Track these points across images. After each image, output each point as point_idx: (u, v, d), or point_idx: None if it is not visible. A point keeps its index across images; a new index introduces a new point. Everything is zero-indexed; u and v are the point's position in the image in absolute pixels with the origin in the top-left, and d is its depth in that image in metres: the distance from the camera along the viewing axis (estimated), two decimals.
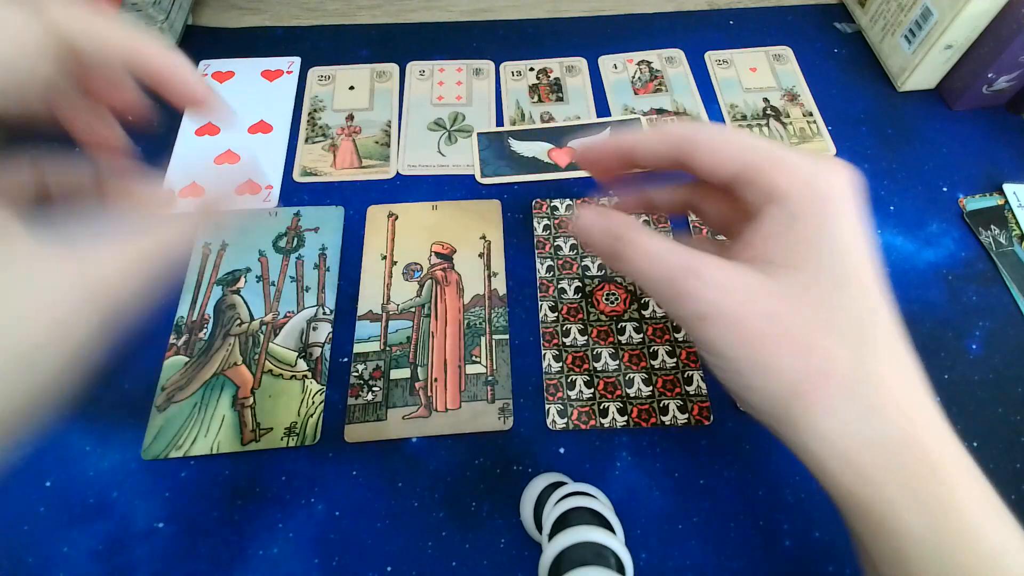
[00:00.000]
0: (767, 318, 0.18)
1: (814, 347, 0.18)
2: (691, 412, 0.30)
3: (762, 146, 0.20)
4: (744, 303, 0.19)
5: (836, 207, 0.19)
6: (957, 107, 0.40)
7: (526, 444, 0.30)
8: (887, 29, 0.42)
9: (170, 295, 0.33)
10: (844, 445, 0.18)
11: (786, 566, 0.27)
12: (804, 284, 0.19)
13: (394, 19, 0.46)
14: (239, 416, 0.30)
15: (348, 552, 0.27)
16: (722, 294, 0.19)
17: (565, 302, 0.33)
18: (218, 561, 0.27)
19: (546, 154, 0.39)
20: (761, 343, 0.18)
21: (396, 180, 0.38)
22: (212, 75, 0.42)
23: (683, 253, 0.20)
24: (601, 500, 0.26)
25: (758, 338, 0.18)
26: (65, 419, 0.30)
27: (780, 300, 0.19)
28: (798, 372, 0.18)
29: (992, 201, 0.37)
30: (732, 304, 0.19)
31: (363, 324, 0.33)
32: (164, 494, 0.28)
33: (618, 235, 0.22)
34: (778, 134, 0.40)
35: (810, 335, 0.18)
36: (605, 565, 0.21)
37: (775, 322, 0.18)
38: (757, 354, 0.19)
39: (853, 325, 0.18)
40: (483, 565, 0.27)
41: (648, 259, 0.21)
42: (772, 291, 0.19)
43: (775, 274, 0.19)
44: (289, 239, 0.35)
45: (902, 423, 0.18)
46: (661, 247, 0.20)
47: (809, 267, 0.19)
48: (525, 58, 0.44)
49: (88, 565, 0.27)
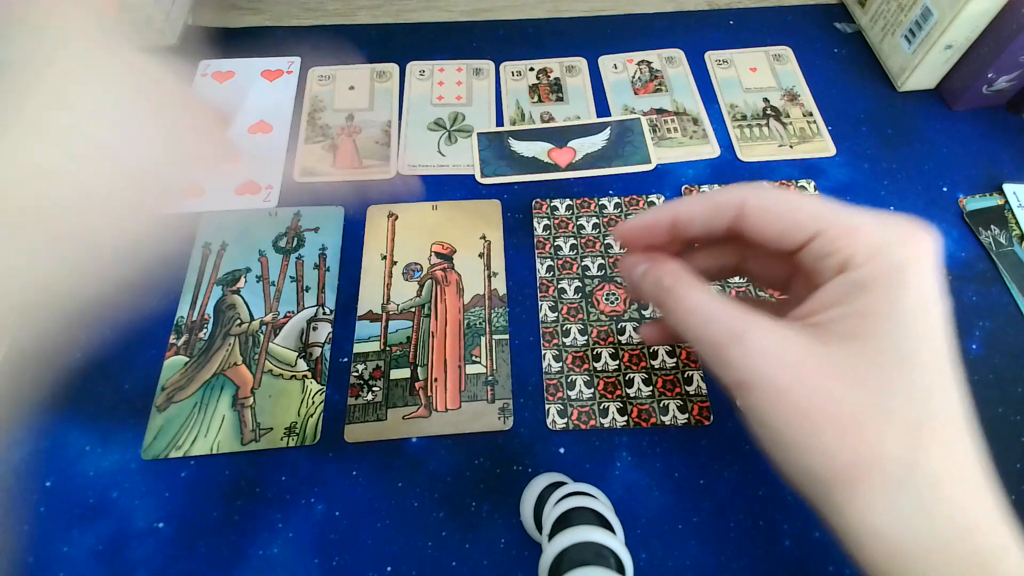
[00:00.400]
0: (816, 393, 0.17)
1: (865, 431, 0.17)
2: (691, 412, 0.30)
3: (832, 211, 0.19)
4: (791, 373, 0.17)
5: (910, 279, 0.17)
6: (957, 107, 0.40)
7: (526, 444, 0.30)
8: (887, 29, 0.42)
9: (170, 295, 0.33)
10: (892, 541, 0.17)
11: (786, 566, 0.27)
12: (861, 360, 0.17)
13: (394, 19, 0.46)
14: (239, 416, 0.30)
15: (348, 552, 0.27)
16: (767, 362, 0.17)
17: (565, 302, 0.33)
18: (218, 561, 0.27)
19: (546, 154, 0.39)
20: (807, 419, 0.17)
21: (396, 180, 0.38)
22: (212, 75, 0.42)
23: (730, 314, 0.18)
24: (601, 500, 0.26)
25: (804, 413, 0.17)
26: (65, 419, 0.30)
27: (832, 374, 0.17)
28: (844, 457, 0.17)
29: (992, 201, 0.37)
30: (777, 374, 0.17)
31: (363, 324, 0.33)
32: (164, 494, 0.28)
33: (665, 287, 0.20)
34: (778, 134, 0.40)
35: (862, 417, 0.17)
36: (605, 565, 0.21)
37: (824, 398, 0.17)
38: (801, 430, 0.17)
39: (912, 411, 0.17)
40: (483, 565, 0.27)
41: (693, 317, 0.19)
42: (824, 363, 0.17)
43: (830, 344, 0.17)
44: (289, 239, 0.35)
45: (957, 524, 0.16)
46: (708, 305, 0.19)
47: (870, 342, 0.17)
48: (525, 58, 0.44)
49: (88, 565, 0.27)
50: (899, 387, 0.17)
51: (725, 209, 0.20)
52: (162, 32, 0.42)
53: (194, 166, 0.22)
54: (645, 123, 0.40)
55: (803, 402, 0.17)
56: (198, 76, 0.42)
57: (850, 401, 0.17)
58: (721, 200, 0.20)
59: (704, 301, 0.19)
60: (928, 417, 0.17)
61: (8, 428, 0.29)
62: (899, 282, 0.17)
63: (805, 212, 0.19)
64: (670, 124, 0.40)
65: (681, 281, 0.20)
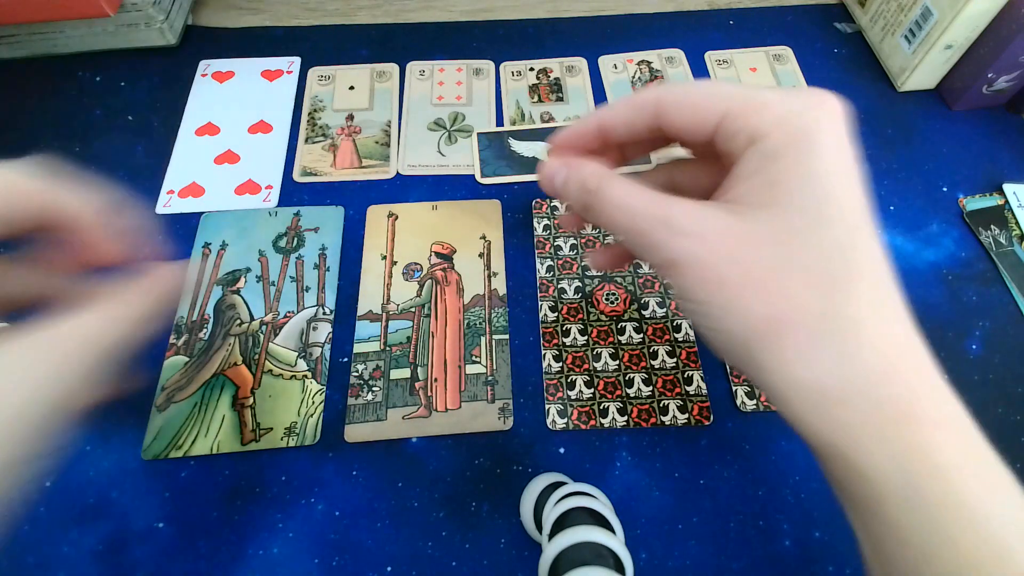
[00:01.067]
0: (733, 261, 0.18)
1: (780, 289, 0.17)
2: (691, 412, 0.30)
3: (738, 91, 0.19)
4: (711, 246, 0.18)
5: (818, 142, 0.18)
6: (957, 107, 0.40)
7: (526, 444, 0.30)
8: (887, 29, 0.42)
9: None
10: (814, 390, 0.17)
11: (786, 566, 0.27)
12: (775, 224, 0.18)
13: (394, 19, 0.46)
14: (239, 416, 0.30)
15: (348, 552, 0.27)
16: (690, 240, 0.18)
17: (565, 302, 0.33)
18: (218, 561, 0.27)
19: (546, 154, 0.39)
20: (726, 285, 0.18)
21: (396, 180, 0.38)
22: (212, 75, 0.42)
23: (654, 200, 0.19)
24: (601, 500, 0.26)
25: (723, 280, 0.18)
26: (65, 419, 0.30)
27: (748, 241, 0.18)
28: (762, 315, 0.18)
29: (992, 201, 0.37)
30: (699, 249, 0.18)
31: (363, 324, 0.33)
32: (164, 494, 0.28)
33: (589, 187, 0.21)
34: None
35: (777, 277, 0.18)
36: (605, 565, 0.21)
37: (741, 264, 0.18)
38: (723, 297, 0.18)
39: (828, 265, 0.17)
40: (483, 565, 0.27)
41: (619, 210, 0.20)
42: (741, 232, 0.18)
43: (744, 215, 0.18)
44: (289, 239, 0.35)
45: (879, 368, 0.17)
46: (633, 196, 0.20)
47: (781, 206, 0.18)
48: (525, 58, 0.44)
49: (88, 565, 0.27)
50: (812, 244, 0.17)
51: (644, 105, 0.21)
52: (162, 32, 0.42)
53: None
54: None
55: (723, 270, 0.18)
56: (198, 76, 0.42)
57: (765, 263, 0.18)
58: (639, 99, 0.21)
59: (629, 192, 0.20)
60: (844, 270, 0.17)
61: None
62: (807, 147, 0.18)
63: (714, 96, 0.20)
64: None
65: (604, 179, 0.21)
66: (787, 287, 0.17)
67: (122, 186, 0.37)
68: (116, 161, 0.38)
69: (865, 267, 0.18)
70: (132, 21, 0.41)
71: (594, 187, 0.21)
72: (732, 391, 0.31)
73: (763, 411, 0.30)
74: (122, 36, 0.42)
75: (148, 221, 0.36)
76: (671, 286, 0.20)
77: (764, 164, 0.18)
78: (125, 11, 0.40)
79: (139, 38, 0.42)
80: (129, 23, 0.41)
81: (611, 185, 0.20)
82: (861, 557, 0.19)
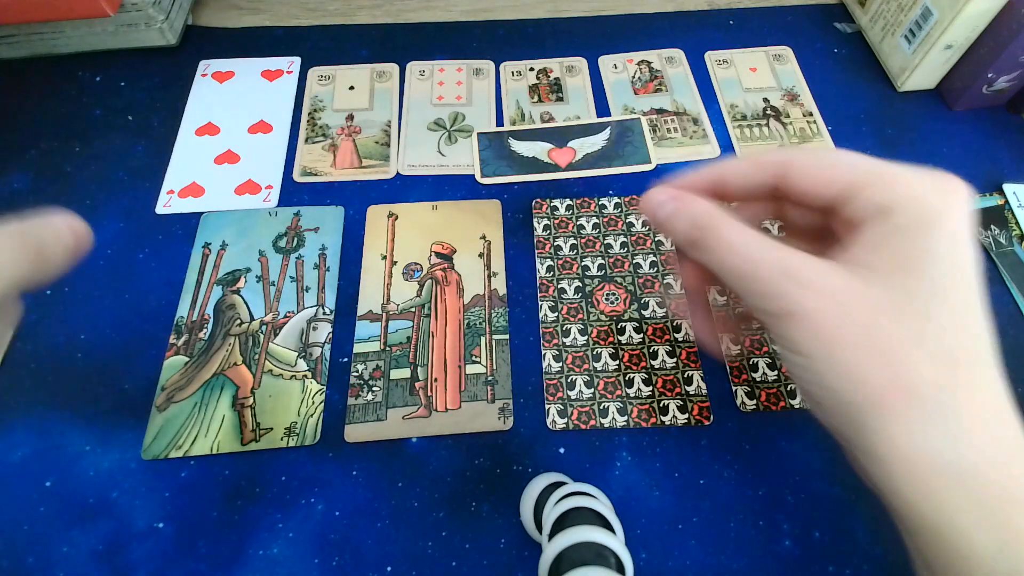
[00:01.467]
0: (856, 323, 0.18)
1: (903, 359, 0.18)
2: (691, 412, 0.30)
3: (869, 163, 0.20)
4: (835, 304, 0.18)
5: (946, 223, 0.18)
6: (957, 107, 0.40)
7: (526, 444, 0.30)
8: (887, 29, 0.42)
9: (170, 295, 0.33)
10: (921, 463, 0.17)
11: (786, 566, 0.27)
12: (900, 294, 0.18)
13: (394, 19, 0.46)
14: (239, 416, 0.30)
15: (348, 552, 0.27)
16: (813, 293, 0.18)
17: (565, 302, 0.33)
18: (218, 561, 0.27)
19: (546, 154, 0.39)
20: (847, 347, 0.18)
21: (396, 180, 0.38)
22: (212, 75, 0.42)
23: (773, 247, 0.19)
24: (601, 500, 0.26)
25: (844, 341, 0.18)
26: (65, 419, 0.30)
27: (872, 306, 0.18)
28: (882, 383, 0.17)
29: (992, 201, 0.37)
30: (820, 303, 0.18)
31: (363, 324, 0.33)
32: (164, 494, 0.28)
33: (702, 224, 0.20)
34: (778, 134, 0.40)
35: (902, 347, 0.18)
36: (605, 565, 0.21)
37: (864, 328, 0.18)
38: (842, 359, 0.18)
39: (948, 343, 0.18)
40: (483, 565, 0.27)
41: (734, 254, 0.20)
42: (862, 295, 0.18)
43: (869, 280, 0.18)
44: (289, 239, 0.35)
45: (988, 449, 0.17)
46: (752, 241, 0.20)
47: (909, 278, 0.18)
48: (525, 58, 0.44)
49: (88, 565, 0.27)
50: (935, 318, 0.18)
51: (770, 165, 0.21)
52: (162, 32, 0.42)
53: None
54: (645, 123, 0.40)
55: (844, 331, 0.18)
56: (198, 76, 0.42)
57: (889, 330, 0.18)
58: (765, 158, 0.21)
59: (746, 236, 0.20)
60: (960, 349, 0.18)
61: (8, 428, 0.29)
62: (938, 226, 0.18)
63: (844, 165, 0.20)
64: (670, 124, 0.40)
65: (718, 219, 0.20)
66: (910, 358, 0.18)
67: (122, 186, 0.37)
68: (116, 161, 0.38)
69: (979, 347, 0.18)
70: (132, 21, 0.41)
71: (707, 225, 0.20)
72: (732, 391, 0.31)
73: (763, 411, 0.30)
74: (122, 36, 0.42)
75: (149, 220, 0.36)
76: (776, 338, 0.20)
77: (893, 236, 0.18)
78: (125, 11, 0.40)
79: (139, 38, 0.42)
80: (129, 23, 0.41)
81: (727, 226, 0.20)
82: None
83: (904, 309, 0.18)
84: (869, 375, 0.18)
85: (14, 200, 0.37)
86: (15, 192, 0.37)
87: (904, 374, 0.17)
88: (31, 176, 0.38)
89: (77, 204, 0.36)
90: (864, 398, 0.18)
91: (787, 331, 0.19)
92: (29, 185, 0.37)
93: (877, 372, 0.18)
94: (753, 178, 0.22)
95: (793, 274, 0.19)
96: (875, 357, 0.18)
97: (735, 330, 0.32)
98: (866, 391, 0.18)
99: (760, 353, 0.32)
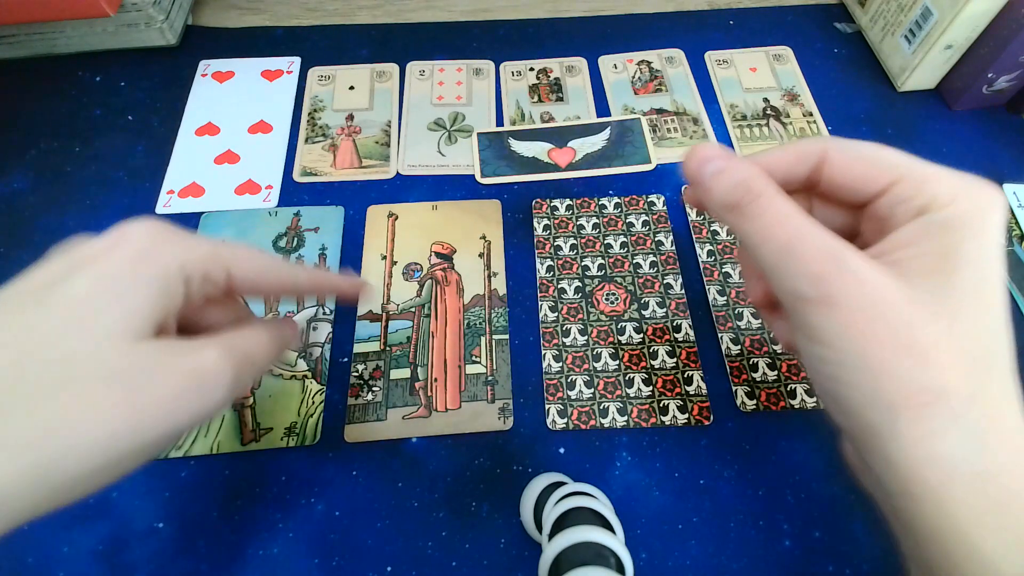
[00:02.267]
0: (897, 319, 0.17)
1: (936, 363, 0.17)
2: (691, 412, 0.30)
3: (910, 160, 0.19)
4: (878, 297, 0.18)
5: (984, 228, 0.18)
6: (957, 107, 0.40)
7: (526, 444, 0.30)
8: (887, 29, 0.42)
9: None
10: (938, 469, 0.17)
11: (786, 566, 0.27)
12: (939, 294, 0.18)
13: (394, 19, 0.46)
14: (239, 416, 0.30)
15: (348, 552, 0.27)
16: (858, 282, 0.18)
17: (565, 302, 0.33)
18: (218, 561, 0.27)
19: (546, 154, 0.39)
20: (880, 345, 0.17)
21: (396, 180, 0.38)
22: (212, 75, 0.42)
23: (823, 230, 0.19)
24: (601, 500, 0.26)
25: (883, 337, 0.17)
26: None
27: (912, 304, 0.18)
28: (912, 385, 0.17)
29: None
30: (866, 295, 0.18)
31: (363, 324, 0.33)
32: (164, 494, 0.28)
33: (752, 188, 0.20)
34: (778, 134, 0.40)
35: (935, 350, 0.17)
36: (605, 565, 0.21)
37: (904, 325, 0.17)
38: (872, 355, 0.17)
39: (978, 350, 0.17)
40: (483, 565, 0.27)
41: (781, 225, 0.19)
42: (905, 294, 0.18)
43: (910, 277, 0.18)
44: (289, 239, 0.35)
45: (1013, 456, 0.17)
46: (801, 217, 0.19)
47: (948, 279, 0.18)
48: (525, 58, 0.44)
49: (88, 565, 0.27)
50: (968, 324, 0.17)
51: (808, 156, 0.21)
52: (162, 32, 0.42)
53: None
54: (645, 123, 0.40)
55: (878, 326, 0.18)
56: (198, 76, 0.42)
57: (927, 331, 0.17)
58: (805, 147, 0.21)
59: (796, 212, 0.19)
60: (990, 354, 0.18)
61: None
62: (979, 226, 0.18)
63: (885, 160, 0.20)
64: (670, 124, 0.40)
65: (770, 187, 0.20)
66: (945, 361, 0.17)
67: (122, 186, 0.37)
68: (116, 161, 0.38)
69: (1004, 356, 0.18)
70: (132, 21, 0.41)
71: (757, 189, 0.20)
72: (732, 391, 0.31)
73: (763, 411, 0.30)
74: (122, 36, 0.42)
75: None
76: (800, 325, 0.19)
77: (934, 234, 0.18)
78: (125, 11, 0.40)
79: (139, 38, 0.42)
80: (129, 23, 0.41)
81: (778, 195, 0.19)
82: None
83: (939, 312, 0.17)
84: (898, 375, 0.17)
85: (14, 200, 0.37)
86: (15, 192, 0.37)
87: (936, 378, 0.17)
88: (31, 176, 0.38)
89: (77, 204, 0.36)
90: (889, 398, 0.17)
91: (818, 318, 0.18)
92: (29, 185, 0.37)
93: (907, 373, 0.17)
94: (793, 165, 0.21)
95: (840, 258, 0.18)
96: (907, 358, 0.17)
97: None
98: (892, 391, 0.17)
99: (760, 353, 0.32)
